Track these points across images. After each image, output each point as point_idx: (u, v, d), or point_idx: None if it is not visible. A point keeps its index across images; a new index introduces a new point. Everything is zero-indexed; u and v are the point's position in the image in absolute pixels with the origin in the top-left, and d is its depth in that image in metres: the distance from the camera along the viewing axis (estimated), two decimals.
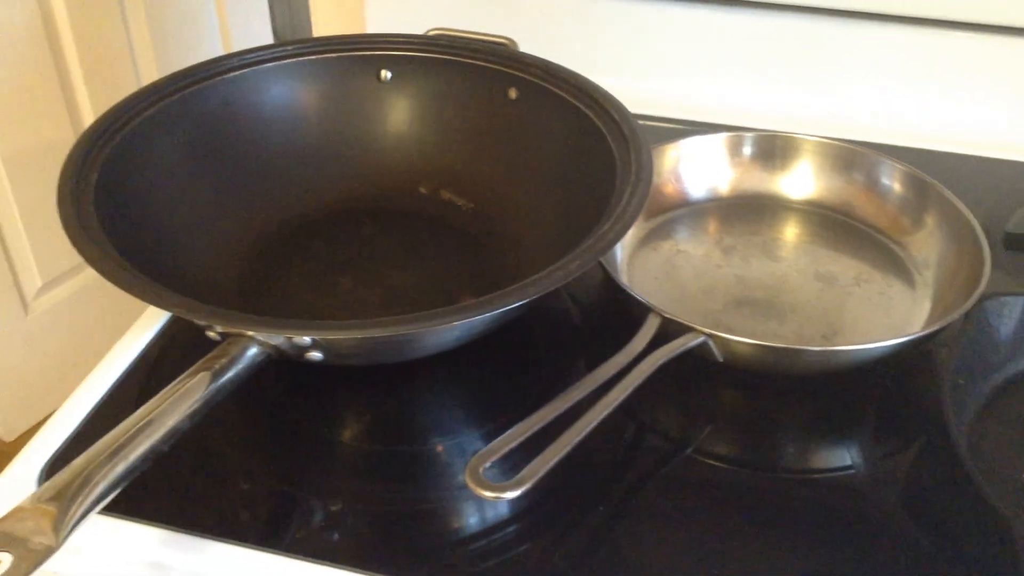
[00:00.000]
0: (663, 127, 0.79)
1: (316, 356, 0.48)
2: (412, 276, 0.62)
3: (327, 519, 0.48)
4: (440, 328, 0.47)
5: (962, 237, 0.60)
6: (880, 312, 0.59)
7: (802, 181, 0.68)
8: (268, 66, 0.65)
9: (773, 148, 0.68)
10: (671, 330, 0.52)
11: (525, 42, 0.68)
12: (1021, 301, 0.61)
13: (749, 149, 0.69)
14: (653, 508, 0.49)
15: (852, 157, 0.67)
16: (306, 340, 0.46)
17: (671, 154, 0.67)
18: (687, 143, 0.68)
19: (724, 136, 0.69)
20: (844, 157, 0.67)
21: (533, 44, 0.68)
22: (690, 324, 0.51)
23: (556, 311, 0.61)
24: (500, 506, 0.48)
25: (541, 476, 0.43)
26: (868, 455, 0.52)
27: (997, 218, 0.67)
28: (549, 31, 0.86)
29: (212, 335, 0.47)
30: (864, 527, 0.48)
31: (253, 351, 0.46)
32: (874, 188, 0.66)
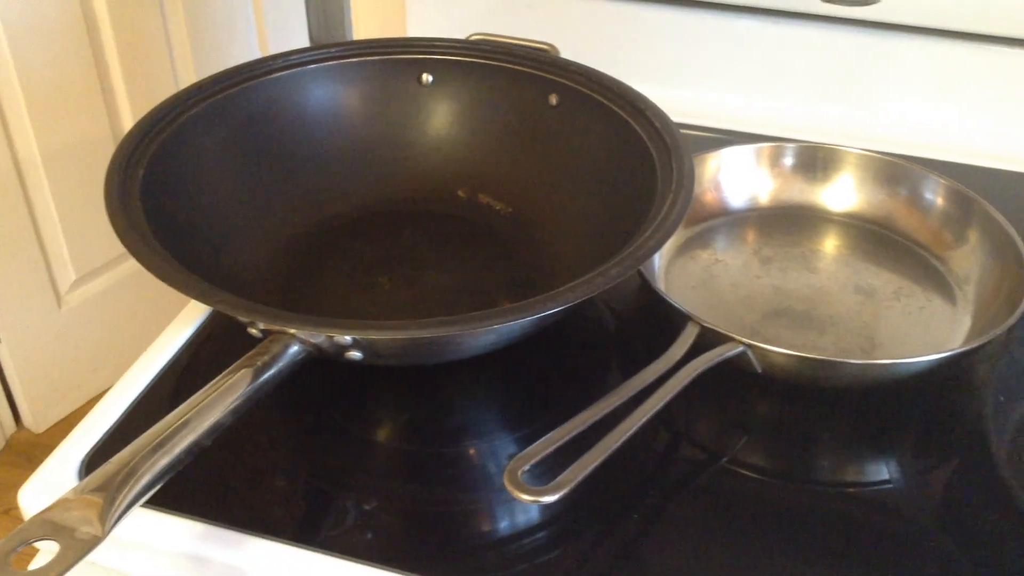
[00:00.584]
0: (703, 136, 0.79)
1: (355, 356, 0.48)
2: (449, 279, 0.62)
3: (361, 517, 0.48)
4: (482, 331, 0.47)
5: (1005, 253, 0.59)
6: (920, 327, 0.59)
7: (843, 193, 0.68)
8: (311, 68, 0.65)
9: (815, 159, 0.68)
10: (709, 339, 0.52)
11: (566, 48, 0.68)
12: None
13: (790, 160, 0.68)
14: (686, 518, 0.48)
15: (895, 170, 0.67)
16: (347, 339, 0.46)
17: (712, 163, 0.67)
18: (728, 152, 0.68)
19: (765, 146, 0.68)
20: (887, 170, 0.67)
21: (574, 50, 0.68)
22: (730, 334, 0.51)
23: (590, 318, 0.61)
24: (531, 510, 0.48)
25: (579, 481, 0.43)
26: (905, 470, 0.51)
27: None
28: (590, 38, 0.85)
29: (254, 332, 0.47)
30: (900, 543, 0.47)
31: (294, 349, 0.46)
32: (917, 202, 0.66)
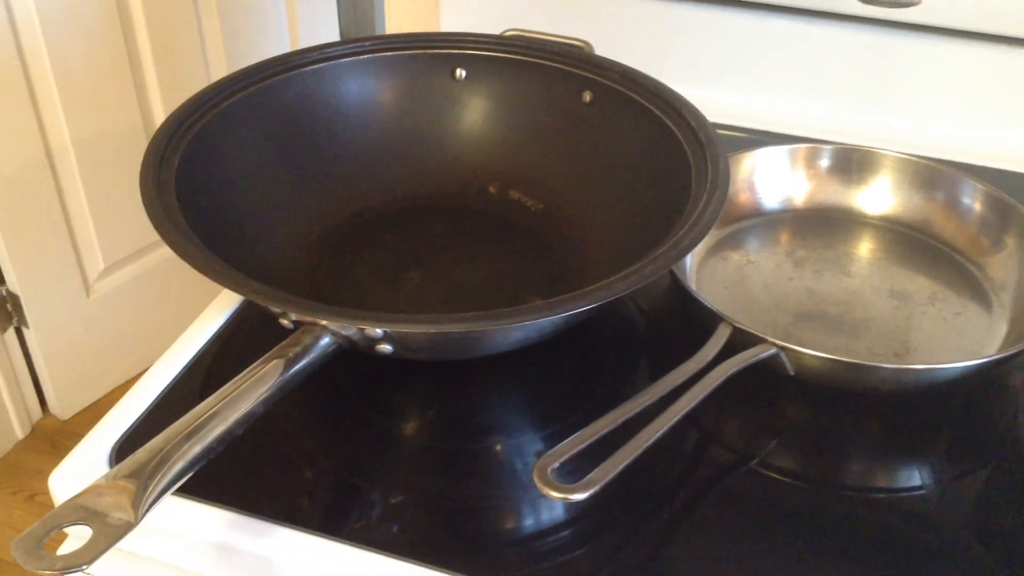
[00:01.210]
0: (738, 136, 0.79)
1: (386, 349, 0.48)
2: (479, 274, 0.62)
3: (388, 510, 0.48)
4: (513, 327, 0.47)
5: None
6: (955, 332, 0.58)
7: (879, 196, 0.67)
8: (346, 61, 0.66)
9: (850, 162, 0.67)
10: (741, 340, 0.51)
11: (600, 45, 0.67)
12: None
13: (826, 162, 0.68)
14: (714, 520, 0.48)
15: (932, 175, 0.66)
16: (378, 332, 0.46)
17: (746, 163, 0.67)
18: (763, 153, 0.67)
19: (801, 147, 0.68)
20: (923, 174, 0.66)
21: (608, 47, 0.68)
22: (763, 335, 0.50)
23: (620, 316, 0.60)
24: (557, 508, 0.48)
25: (610, 479, 0.43)
26: (938, 476, 0.51)
27: None
28: (624, 35, 0.85)
29: (285, 323, 0.48)
30: (932, 551, 0.46)
31: (325, 340, 0.46)
32: (954, 207, 0.65)
